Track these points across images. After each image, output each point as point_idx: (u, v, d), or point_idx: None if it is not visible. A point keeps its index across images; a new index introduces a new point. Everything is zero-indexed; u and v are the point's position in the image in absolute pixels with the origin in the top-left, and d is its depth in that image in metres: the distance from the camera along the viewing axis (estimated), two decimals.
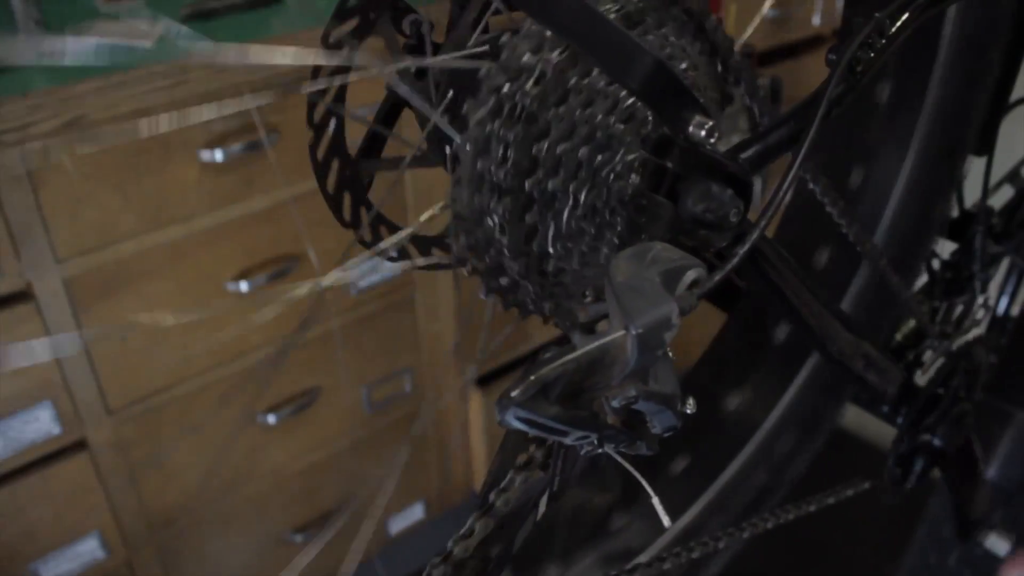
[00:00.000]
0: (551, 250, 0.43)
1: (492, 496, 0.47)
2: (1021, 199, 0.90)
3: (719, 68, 0.46)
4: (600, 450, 0.36)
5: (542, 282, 0.44)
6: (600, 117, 0.41)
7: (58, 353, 1.00)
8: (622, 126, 0.41)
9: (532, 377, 0.33)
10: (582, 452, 0.37)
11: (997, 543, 0.82)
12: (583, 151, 0.41)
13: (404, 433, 1.50)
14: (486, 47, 0.43)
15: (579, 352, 0.34)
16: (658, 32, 0.43)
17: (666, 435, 0.37)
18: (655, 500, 0.39)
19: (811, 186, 0.54)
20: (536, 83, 0.38)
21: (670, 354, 0.36)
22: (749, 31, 0.53)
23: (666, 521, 0.39)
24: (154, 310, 1.12)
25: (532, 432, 0.34)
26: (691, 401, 0.37)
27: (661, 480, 0.75)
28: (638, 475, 0.39)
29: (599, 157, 0.41)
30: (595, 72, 0.40)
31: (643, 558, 0.69)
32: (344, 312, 1.31)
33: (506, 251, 0.41)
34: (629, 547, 0.71)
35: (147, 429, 1.18)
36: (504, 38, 0.39)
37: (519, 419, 0.33)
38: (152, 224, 1.07)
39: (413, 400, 1.47)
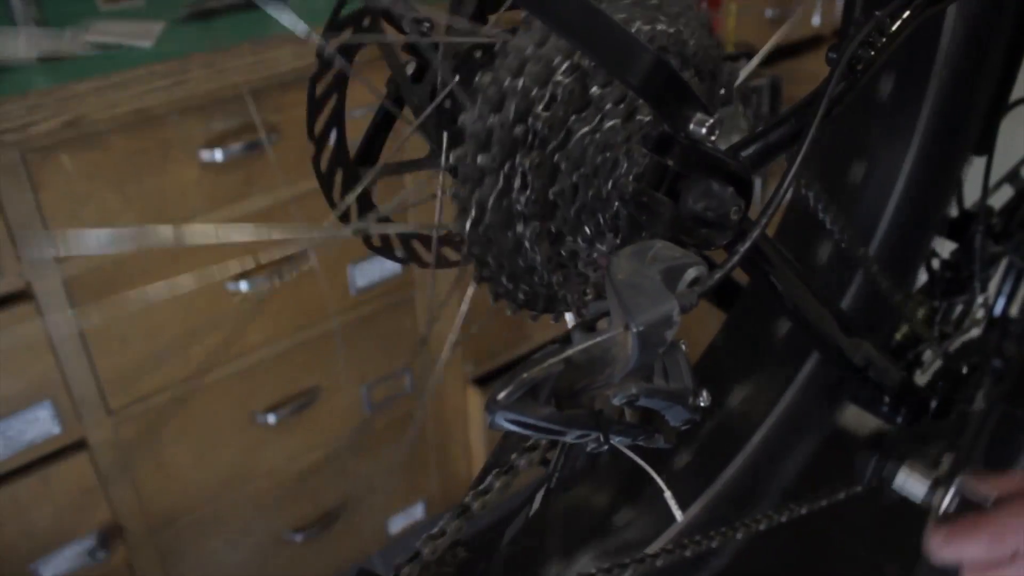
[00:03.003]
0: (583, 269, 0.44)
1: (468, 498, 0.46)
2: (1021, 199, 0.90)
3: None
4: (606, 447, 0.36)
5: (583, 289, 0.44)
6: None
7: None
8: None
9: (517, 379, 0.33)
10: (588, 449, 0.36)
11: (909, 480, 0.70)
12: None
13: (404, 433, 1.50)
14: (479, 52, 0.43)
15: (567, 352, 0.33)
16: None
17: (684, 428, 0.37)
18: (667, 494, 0.38)
19: (804, 191, 0.54)
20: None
21: (684, 347, 0.36)
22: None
23: (678, 516, 0.39)
24: (154, 310, 1.12)
25: (526, 434, 0.34)
26: (705, 394, 0.36)
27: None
28: (651, 470, 0.39)
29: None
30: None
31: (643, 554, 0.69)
32: (344, 312, 1.31)
33: (539, 266, 0.42)
34: (628, 544, 0.71)
35: (147, 429, 1.18)
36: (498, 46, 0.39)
37: (509, 422, 0.33)
38: (152, 224, 1.07)
39: (413, 400, 1.48)
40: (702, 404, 0.36)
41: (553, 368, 0.33)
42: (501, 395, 0.32)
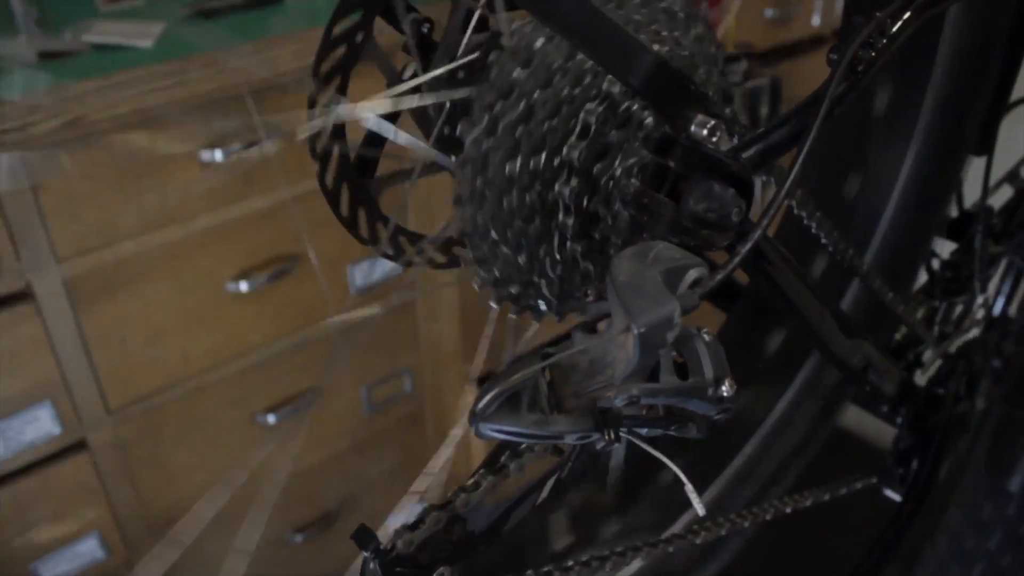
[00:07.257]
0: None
1: (452, 493, 0.46)
2: (1021, 199, 0.90)
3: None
4: (616, 444, 0.36)
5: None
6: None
7: None
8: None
9: (494, 390, 0.32)
10: (598, 447, 0.36)
11: None
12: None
13: (404, 433, 1.49)
14: (476, 54, 0.42)
15: (552, 359, 0.33)
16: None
17: (718, 417, 0.36)
18: (688, 487, 0.38)
19: (797, 211, 0.54)
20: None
21: (707, 337, 0.35)
22: None
23: (700, 510, 0.38)
24: (154, 310, 1.12)
25: (518, 441, 0.34)
26: (727, 384, 0.35)
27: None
28: (672, 464, 0.38)
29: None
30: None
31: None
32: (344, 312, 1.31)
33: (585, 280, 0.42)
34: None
35: (147, 429, 1.18)
36: (492, 55, 0.39)
37: (495, 431, 0.33)
38: (152, 224, 1.07)
39: (413, 400, 1.47)
40: (724, 394, 0.35)
41: (529, 376, 0.33)
42: (479, 406, 0.32)
